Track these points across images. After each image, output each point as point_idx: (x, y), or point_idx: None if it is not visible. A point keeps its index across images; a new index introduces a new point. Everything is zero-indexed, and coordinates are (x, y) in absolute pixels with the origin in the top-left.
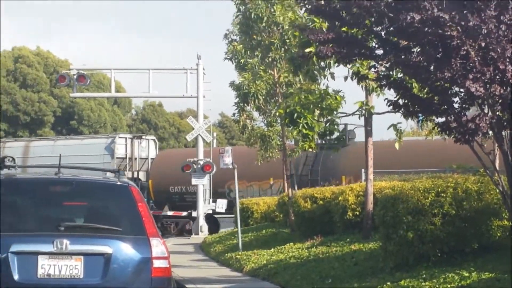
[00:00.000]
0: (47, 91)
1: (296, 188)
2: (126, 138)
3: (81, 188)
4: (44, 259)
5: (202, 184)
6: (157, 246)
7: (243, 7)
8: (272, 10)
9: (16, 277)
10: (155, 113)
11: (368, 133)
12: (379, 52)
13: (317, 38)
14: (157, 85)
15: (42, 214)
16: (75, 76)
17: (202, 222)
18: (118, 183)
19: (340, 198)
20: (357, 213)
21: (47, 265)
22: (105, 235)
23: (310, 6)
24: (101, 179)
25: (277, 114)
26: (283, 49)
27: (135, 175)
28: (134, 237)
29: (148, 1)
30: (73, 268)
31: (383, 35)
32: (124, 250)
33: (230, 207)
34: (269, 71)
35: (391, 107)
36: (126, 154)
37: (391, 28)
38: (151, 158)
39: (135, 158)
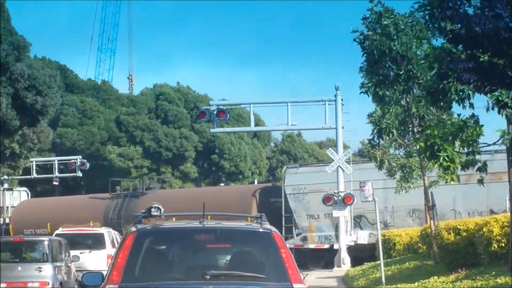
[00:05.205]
0: (188, 126)
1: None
2: None
3: (225, 236)
4: None
5: (344, 216)
6: None
7: (367, 42)
8: (393, 43)
9: None
10: (294, 144)
11: (511, 163)
12: None
13: (457, 67)
14: (296, 116)
15: (188, 262)
16: (214, 112)
17: (344, 254)
18: (261, 230)
19: (484, 230)
20: (503, 244)
21: None
22: (250, 282)
23: (452, 34)
24: (243, 226)
25: (416, 147)
26: (411, 80)
27: (6, 221)
28: (278, 284)
29: (280, 34)
30: None
31: None
32: None
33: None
34: (402, 103)
35: None
36: None
37: None
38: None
39: (7, 207)
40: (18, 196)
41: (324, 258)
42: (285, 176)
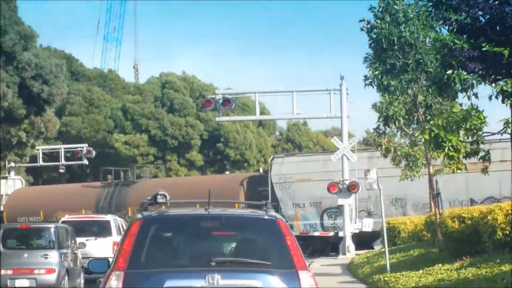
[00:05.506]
0: (193, 115)
1: None
2: None
3: (230, 223)
4: None
5: (348, 204)
6: (306, 279)
7: (374, 31)
8: (401, 30)
9: None
10: (299, 132)
11: None
12: None
13: (462, 55)
14: (301, 105)
15: (193, 249)
16: (220, 101)
17: (349, 242)
18: (266, 217)
19: (488, 217)
20: (507, 232)
21: None
22: (255, 269)
23: (456, 24)
24: (249, 213)
25: (422, 138)
26: (419, 68)
27: (1, 209)
28: (283, 271)
29: (286, 23)
30: None
31: None
32: (274, 284)
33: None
34: (409, 92)
35: None
36: None
37: None
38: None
39: (2, 195)
40: (13, 185)
41: (311, 246)
42: (271, 165)
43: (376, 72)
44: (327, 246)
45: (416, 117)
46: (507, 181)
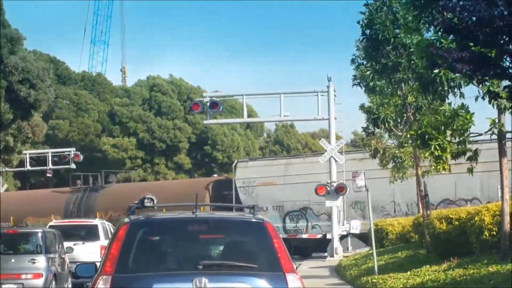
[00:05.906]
0: (181, 118)
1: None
2: None
3: (217, 226)
4: None
5: (336, 206)
6: (293, 281)
7: (369, 30)
8: (397, 31)
9: None
10: (287, 134)
11: (502, 152)
12: None
13: (451, 56)
14: (289, 107)
15: (180, 253)
16: (208, 104)
17: (337, 244)
18: (253, 219)
19: (476, 218)
20: (494, 233)
21: None
22: (242, 272)
23: (443, 25)
24: (236, 216)
25: (408, 136)
26: (410, 69)
27: None
28: (270, 274)
29: (273, 25)
30: None
31: None
32: (261, 286)
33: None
34: (398, 92)
35: None
36: None
37: None
38: None
39: None
40: None
41: None
42: (235, 170)
43: (367, 72)
44: (290, 248)
45: (405, 118)
46: (462, 183)
